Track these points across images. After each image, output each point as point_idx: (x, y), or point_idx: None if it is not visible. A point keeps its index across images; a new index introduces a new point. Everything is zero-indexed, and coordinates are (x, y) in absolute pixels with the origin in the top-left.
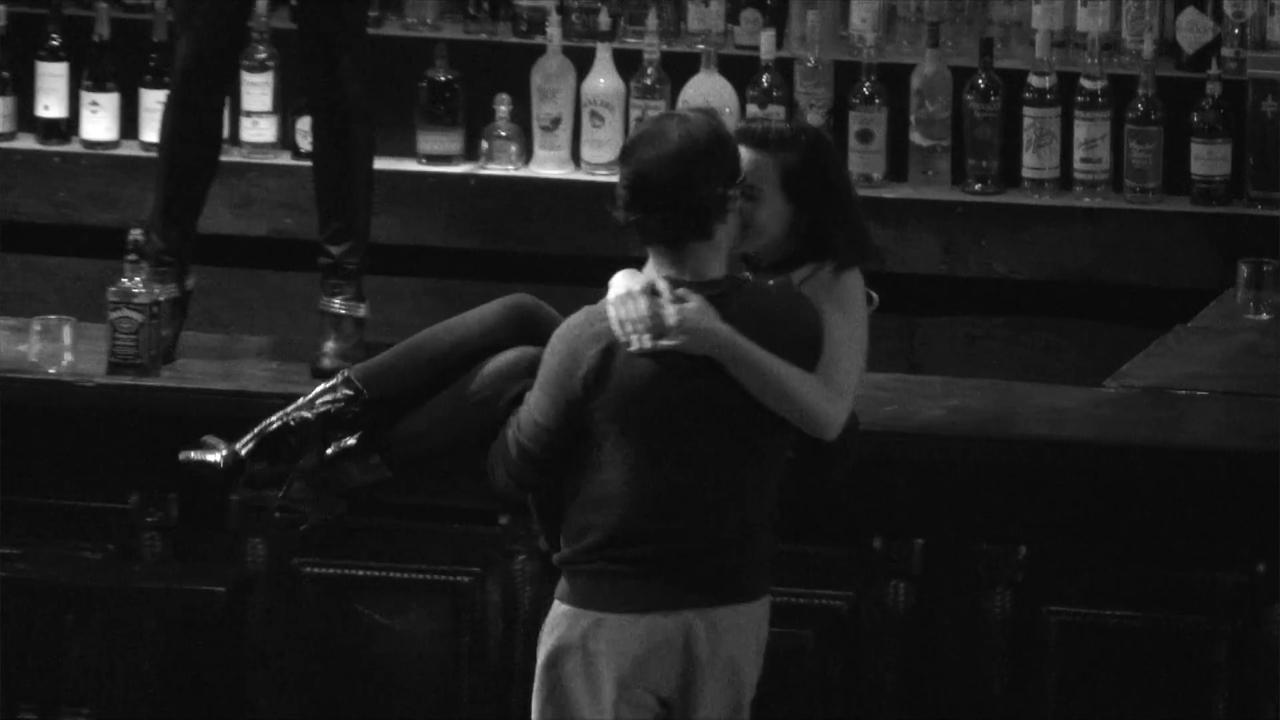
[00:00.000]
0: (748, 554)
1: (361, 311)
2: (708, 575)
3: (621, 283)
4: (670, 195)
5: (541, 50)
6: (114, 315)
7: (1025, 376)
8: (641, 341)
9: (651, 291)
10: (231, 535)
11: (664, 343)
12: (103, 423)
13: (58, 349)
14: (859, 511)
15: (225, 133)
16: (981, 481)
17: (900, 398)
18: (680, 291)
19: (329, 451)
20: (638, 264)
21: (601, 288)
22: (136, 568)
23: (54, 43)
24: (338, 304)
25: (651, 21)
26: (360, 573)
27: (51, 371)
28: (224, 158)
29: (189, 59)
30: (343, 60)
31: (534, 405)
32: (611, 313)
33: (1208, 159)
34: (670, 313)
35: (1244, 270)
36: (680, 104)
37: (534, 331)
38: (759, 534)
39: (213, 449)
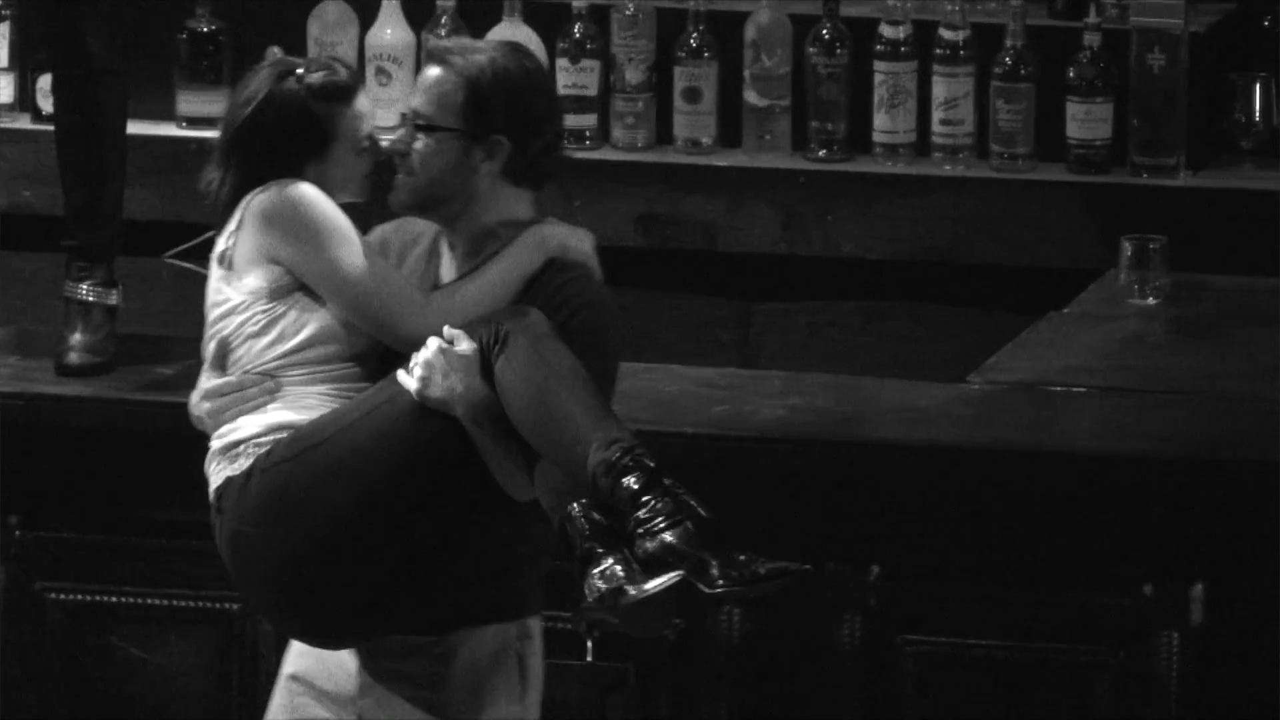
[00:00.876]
0: None
1: (113, 299)
2: None
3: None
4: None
5: None
6: None
7: (877, 371)
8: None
9: None
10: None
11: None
12: None
13: None
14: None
15: None
16: (827, 492)
17: (734, 395)
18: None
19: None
20: None
21: None
22: None
23: None
24: (85, 290)
25: None
26: (114, 599)
27: None
28: None
29: None
30: (80, 7)
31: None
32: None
33: (1086, 120)
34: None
35: (1127, 248)
36: None
37: None
38: None
39: None
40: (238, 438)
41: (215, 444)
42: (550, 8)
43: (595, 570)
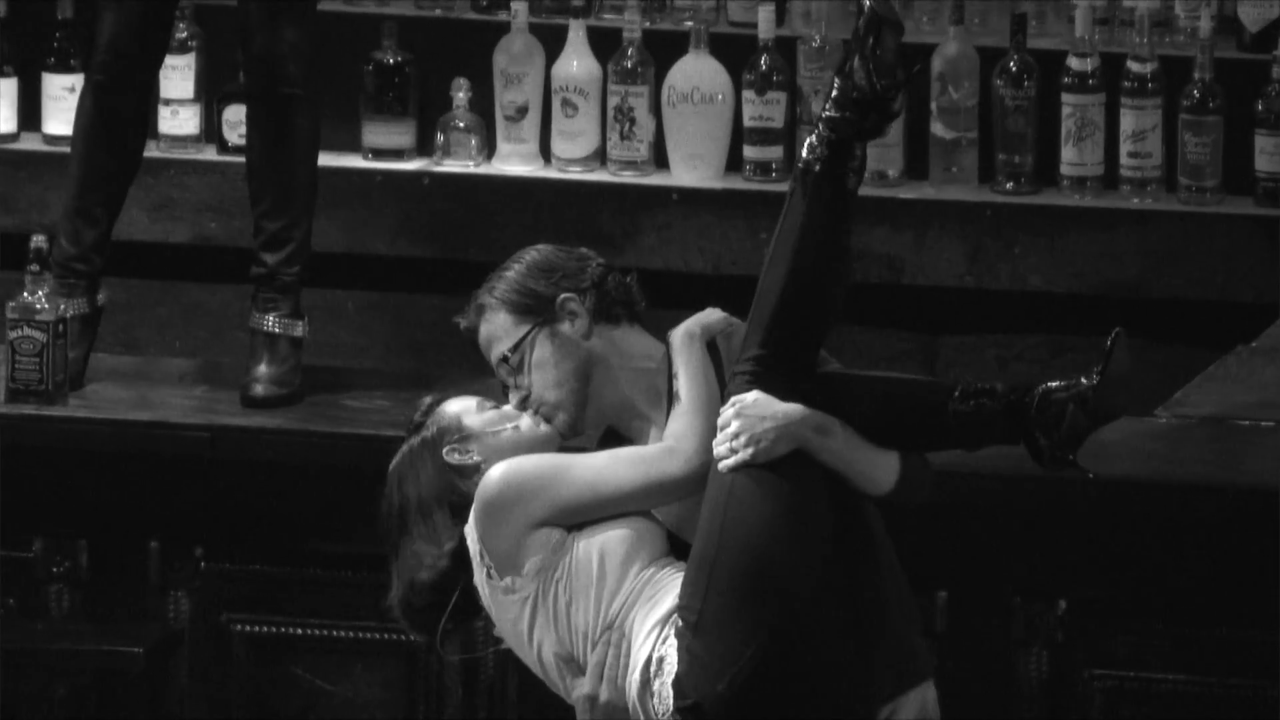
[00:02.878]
0: None
1: (299, 330)
2: None
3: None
4: None
5: (506, 29)
6: (13, 335)
7: None
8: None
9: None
10: (151, 588)
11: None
12: (0, 459)
13: None
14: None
15: None
16: (1014, 526)
17: None
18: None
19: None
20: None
21: None
22: (41, 626)
23: None
24: (272, 321)
25: None
26: (299, 631)
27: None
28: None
29: (115, 38)
30: (287, 34)
31: None
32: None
33: (1275, 153)
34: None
35: None
36: (666, 90)
37: None
38: None
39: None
40: (643, 656)
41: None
42: (736, 39)
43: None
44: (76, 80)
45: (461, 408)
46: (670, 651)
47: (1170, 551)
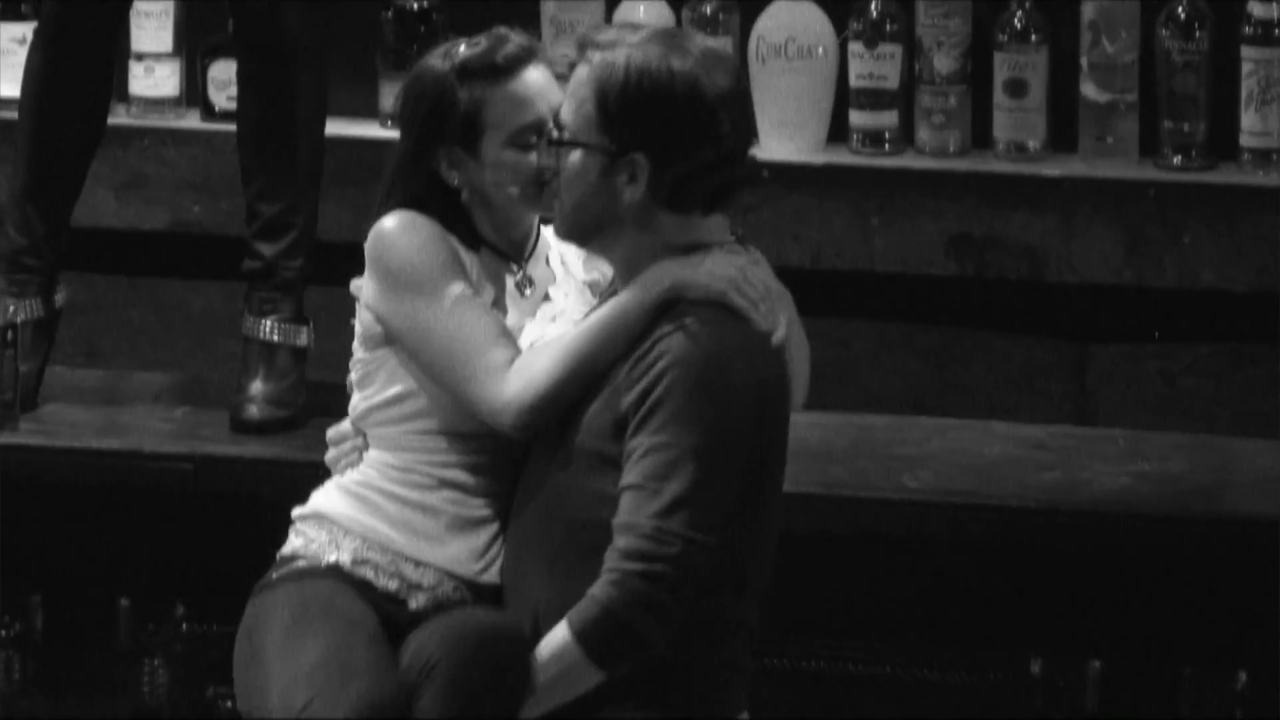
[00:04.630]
0: None
1: (302, 339)
2: None
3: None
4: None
5: None
6: None
7: (1243, 430)
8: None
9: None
10: (121, 654)
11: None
12: None
13: None
14: (1012, 624)
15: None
16: (1182, 579)
17: (1066, 459)
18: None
19: None
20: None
21: None
22: None
23: None
24: (269, 327)
25: None
26: None
27: None
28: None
29: None
30: None
31: (707, 484)
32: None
33: None
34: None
35: None
36: (754, 42)
37: None
38: None
39: None
40: (298, 511)
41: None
42: None
43: None
44: (29, 30)
45: None
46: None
47: None
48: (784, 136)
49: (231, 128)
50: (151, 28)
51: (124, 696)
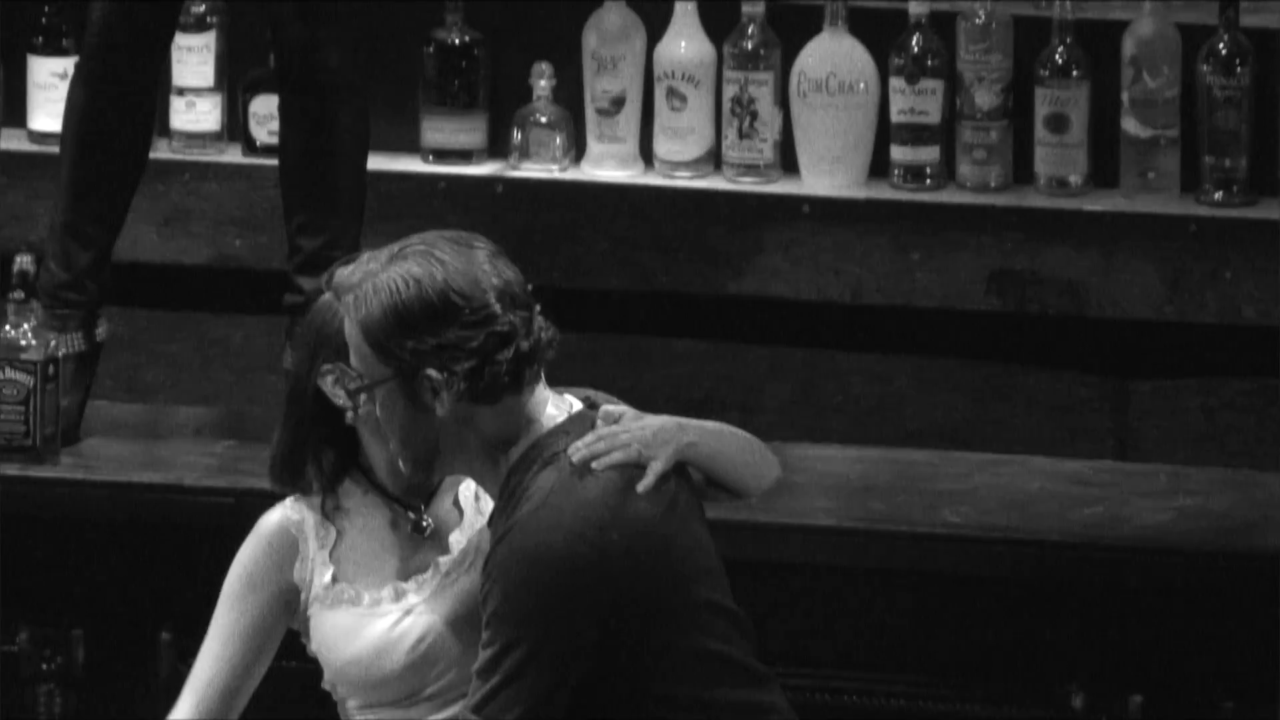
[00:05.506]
0: None
1: None
2: None
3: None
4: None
5: (598, 2)
6: None
7: None
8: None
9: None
10: (161, 687)
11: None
12: None
13: None
14: (1054, 658)
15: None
16: (1223, 614)
17: (1107, 494)
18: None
19: None
20: (732, 304)
21: (681, 334)
22: None
23: None
24: None
25: None
26: None
27: None
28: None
29: (110, 13)
30: (325, 9)
31: (526, 677)
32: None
33: None
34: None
35: None
36: (795, 78)
37: None
38: None
39: None
40: None
41: None
42: (881, 15)
43: None
44: (70, 64)
45: None
46: None
47: None
48: (825, 172)
49: (273, 162)
50: (193, 62)
51: None
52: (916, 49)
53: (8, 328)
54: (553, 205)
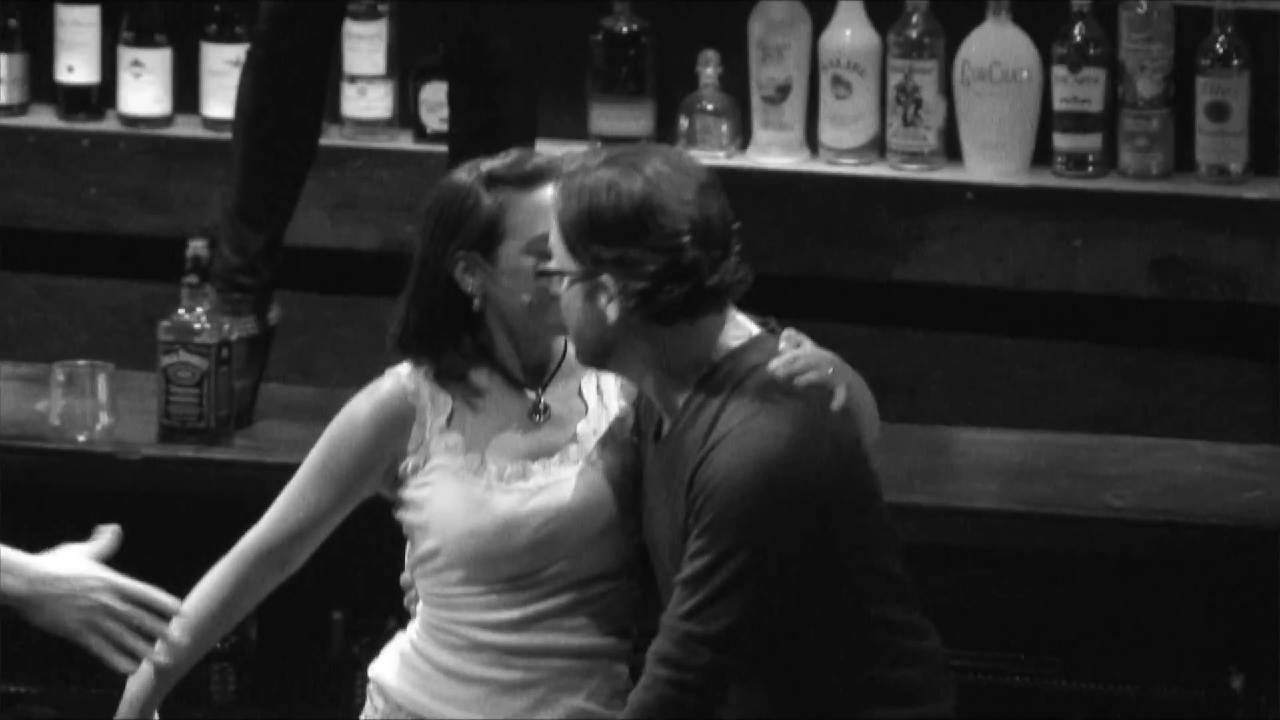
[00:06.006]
0: None
1: None
2: None
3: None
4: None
5: None
6: (168, 361)
7: None
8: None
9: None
10: (334, 666)
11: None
12: (151, 510)
13: (88, 407)
14: (1211, 639)
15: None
16: None
17: (1268, 479)
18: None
19: None
20: (896, 290)
21: (846, 319)
22: (201, 714)
23: None
24: None
25: None
26: None
27: (80, 439)
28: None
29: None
30: (491, 1)
31: (745, 592)
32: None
33: None
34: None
35: None
36: (959, 66)
37: None
38: None
39: None
40: (371, 671)
41: None
42: (1044, 5)
43: None
44: (242, 52)
45: None
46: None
47: None
48: (988, 159)
49: (442, 149)
50: (364, 50)
51: (336, 708)
52: (1079, 38)
53: (182, 312)
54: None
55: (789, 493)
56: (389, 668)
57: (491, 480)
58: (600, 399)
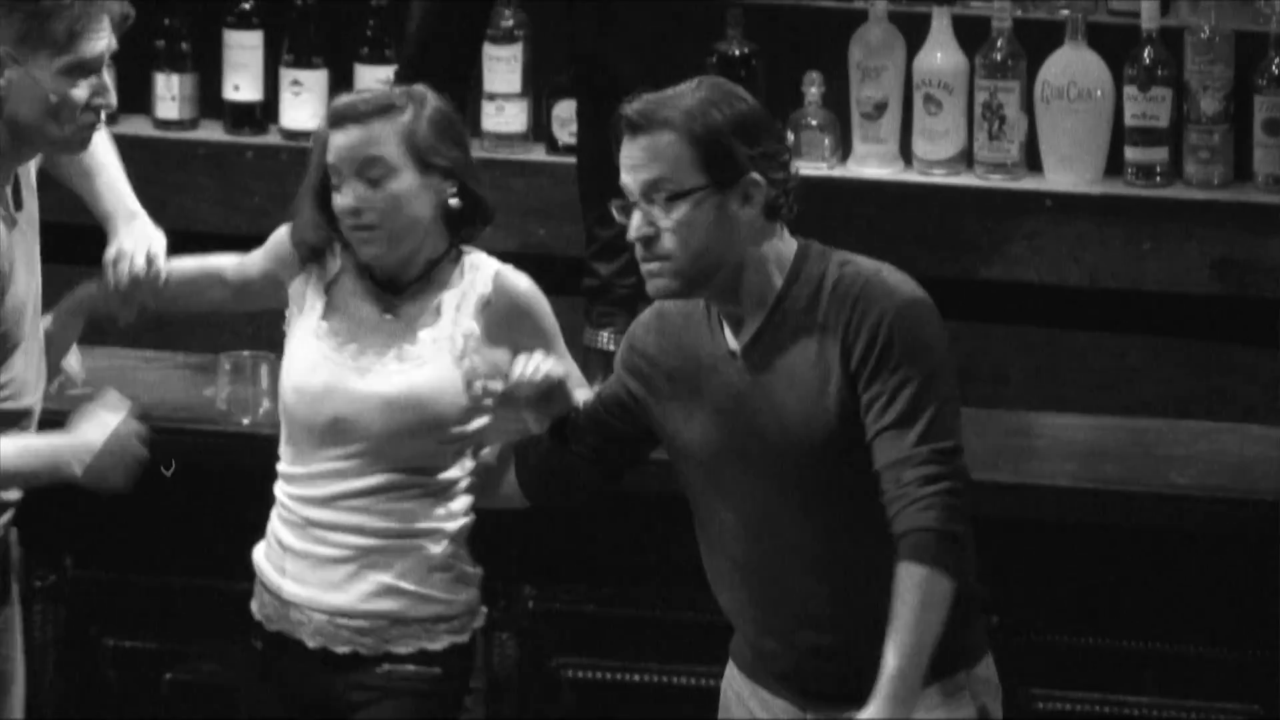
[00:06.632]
0: None
1: None
2: None
3: None
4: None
5: (863, 17)
6: None
7: None
8: None
9: None
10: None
11: None
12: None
13: (251, 393)
14: (1268, 604)
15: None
16: None
17: None
18: None
19: None
20: (982, 288)
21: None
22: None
23: (245, 6)
24: (607, 338)
25: None
26: (635, 677)
27: (244, 422)
28: None
29: (422, 28)
30: (610, 24)
31: (950, 398)
32: None
33: None
34: None
35: None
36: (1039, 86)
37: None
38: None
39: None
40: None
41: None
42: (1118, 30)
43: None
44: (391, 72)
45: None
46: None
47: None
48: (1066, 169)
49: (572, 160)
50: (502, 70)
51: (476, 669)
52: (1148, 60)
53: None
54: (822, 199)
55: (939, 316)
56: (259, 550)
57: (328, 350)
58: (456, 313)
